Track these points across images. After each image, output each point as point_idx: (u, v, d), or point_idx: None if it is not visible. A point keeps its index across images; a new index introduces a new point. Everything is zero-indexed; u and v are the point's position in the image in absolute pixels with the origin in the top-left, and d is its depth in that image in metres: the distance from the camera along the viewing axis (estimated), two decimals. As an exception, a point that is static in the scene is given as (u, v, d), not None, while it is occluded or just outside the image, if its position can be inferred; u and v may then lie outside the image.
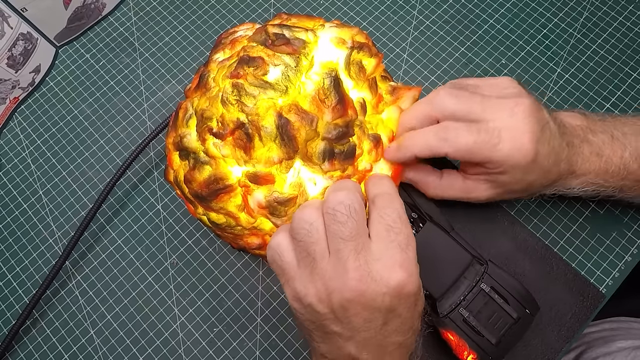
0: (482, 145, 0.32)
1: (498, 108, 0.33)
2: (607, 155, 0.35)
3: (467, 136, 0.32)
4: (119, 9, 0.57)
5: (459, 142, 0.33)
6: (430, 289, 0.35)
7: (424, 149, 0.34)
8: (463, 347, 0.34)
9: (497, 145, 0.32)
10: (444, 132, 0.33)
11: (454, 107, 0.33)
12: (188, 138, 0.33)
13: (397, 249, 0.28)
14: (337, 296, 0.27)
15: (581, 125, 0.36)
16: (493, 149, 0.32)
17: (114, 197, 0.48)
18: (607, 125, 0.36)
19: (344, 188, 0.29)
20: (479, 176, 0.36)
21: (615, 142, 0.35)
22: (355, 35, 0.35)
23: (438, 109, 0.34)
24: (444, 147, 0.33)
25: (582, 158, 0.35)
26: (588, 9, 0.52)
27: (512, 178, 0.34)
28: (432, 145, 0.33)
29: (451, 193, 0.37)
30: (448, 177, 0.38)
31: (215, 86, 0.33)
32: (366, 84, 0.34)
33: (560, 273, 0.40)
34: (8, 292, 0.46)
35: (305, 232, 0.28)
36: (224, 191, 0.32)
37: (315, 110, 0.31)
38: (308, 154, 0.31)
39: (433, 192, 0.38)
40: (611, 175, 0.35)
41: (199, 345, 0.42)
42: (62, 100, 0.53)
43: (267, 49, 0.32)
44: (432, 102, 0.34)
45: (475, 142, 0.32)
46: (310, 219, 0.28)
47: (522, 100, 0.33)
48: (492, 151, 0.32)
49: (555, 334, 0.38)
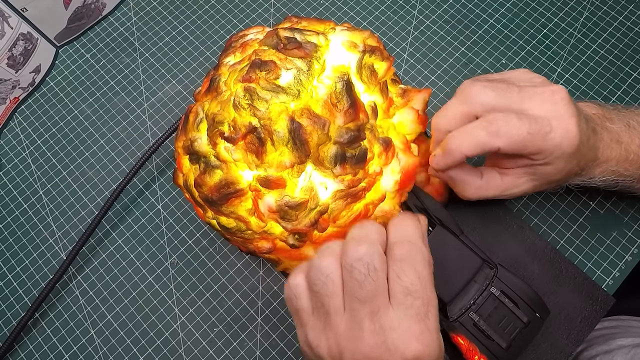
0: (536, 135, 0.31)
1: (538, 97, 0.32)
2: (625, 142, 0.34)
3: (521, 127, 0.31)
4: (119, 9, 0.57)
5: (512, 133, 0.31)
6: (440, 293, 0.35)
7: (474, 147, 0.32)
8: (473, 351, 0.34)
9: (549, 134, 0.31)
10: (494, 125, 0.31)
11: (495, 100, 0.32)
12: (199, 142, 0.33)
13: (414, 318, 0.26)
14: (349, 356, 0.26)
15: (597, 113, 0.36)
16: (545, 137, 0.31)
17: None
18: (622, 115, 0.36)
19: (365, 241, 0.27)
20: (517, 170, 0.35)
21: (632, 130, 0.35)
22: (367, 39, 0.35)
23: (477, 105, 0.32)
24: (496, 142, 0.31)
25: (604, 145, 0.34)
26: (588, 9, 0.52)
27: (555, 168, 0.33)
28: (483, 142, 0.31)
29: (490, 192, 0.36)
30: (487, 175, 0.36)
31: (227, 90, 0.33)
32: (377, 88, 0.34)
33: (570, 276, 0.40)
34: (8, 292, 0.46)
35: (321, 284, 0.27)
36: (235, 195, 0.32)
37: (327, 114, 0.31)
38: (320, 158, 0.31)
39: (474, 193, 0.36)
40: (630, 163, 0.35)
41: (199, 345, 0.42)
42: (62, 100, 0.53)
43: (279, 52, 0.32)
44: (469, 100, 0.32)
45: (529, 132, 0.31)
46: (327, 271, 0.27)
47: (557, 87, 0.32)
48: (544, 140, 0.31)
49: (565, 338, 0.38)
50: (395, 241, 0.27)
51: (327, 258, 0.27)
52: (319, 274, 0.27)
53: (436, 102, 0.49)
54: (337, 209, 0.32)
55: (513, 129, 0.31)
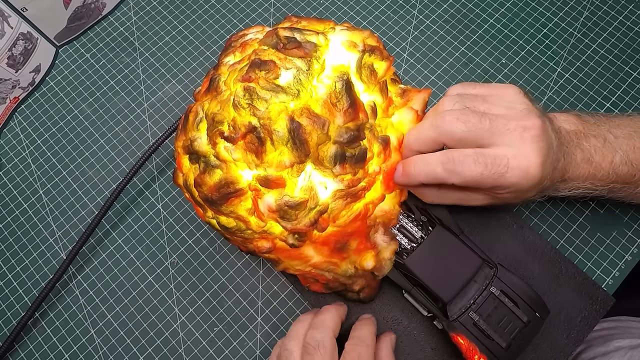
0: (490, 176, 0.32)
1: (507, 134, 0.32)
2: (596, 162, 0.35)
3: (475, 168, 0.32)
4: (119, 8, 0.57)
5: (466, 174, 0.32)
6: (440, 293, 0.35)
7: (430, 179, 0.34)
8: (473, 350, 0.34)
9: (504, 175, 0.32)
10: (451, 165, 0.33)
11: (462, 134, 0.33)
12: (198, 142, 0.33)
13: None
14: None
15: (575, 130, 0.36)
16: (500, 178, 0.32)
17: (114, 196, 0.48)
18: (601, 128, 0.36)
19: (320, 326, 0.35)
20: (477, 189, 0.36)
21: (607, 146, 0.35)
22: (367, 39, 0.35)
23: (446, 135, 0.33)
24: (450, 179, 0.33)
25: (574, 165, 0.35)
26: (588, 9, 0.52)
27: (512, 197, 0.35)
28: (438, 176, 0.33)
29: (447, 200, 0.37)
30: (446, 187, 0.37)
31: (227, 90, 0.33)
32: (377, 88, 0.34)
33: (570, 276, 0.40)
34: (8, 291, 0.46)
35: (285, 358, 0.34)
36: (235, 195, 0.32)
37: (327, 114, 0.31)
38: (319, 158, 0.31)
39: (431, 200, 0.38)
40: (599, 179, 0.36)
41: (199, 344, 0.42)
42: (62, 100, 0.53)
43: (279, 52, 0.32)
44: (439, 128, 0.33)
45: (482, 174, 0.32)
46: (291, 348, 0.34)
47: (532, 122, 0.33)
48: (499, 180, 0.32)
49: (565, 338, 0.38)
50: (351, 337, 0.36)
51: (292, 341, 0.35)
52: (285, 351, 0.35)
53: (436, 102, 0.49)
54: (336, 209, 0.32)
55: (467, 170, 0.32)
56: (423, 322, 0.40)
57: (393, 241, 0.36)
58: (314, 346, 0.34)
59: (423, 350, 0.39)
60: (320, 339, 0.34)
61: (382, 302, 0.41)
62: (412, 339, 0.40)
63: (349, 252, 0.35)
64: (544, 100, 0.48)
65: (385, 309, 0.41)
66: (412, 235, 0.37)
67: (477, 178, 0.32)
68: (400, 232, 0.37)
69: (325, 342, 0.34)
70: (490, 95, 0.35)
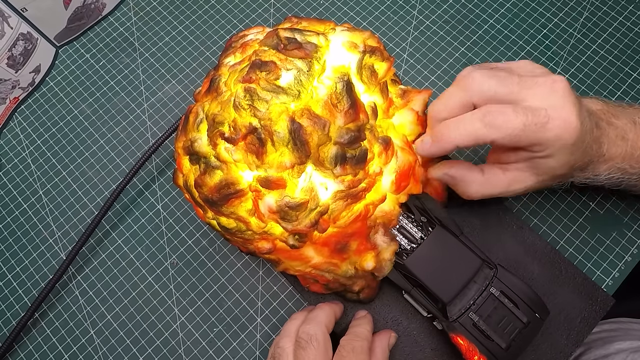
0: (532, 127, 0.30)
1: (538, 87, 0.31)
2: (632, 140, 0.34)
3: (516, 119, 0.30)
4: (119, 9, 0.57)
5: (507, 126, 0.30)
6: (439, 293, 0.35)
7: (468, 139, 0.31)
8: (473, 351, 0.34)
9: (546, 125, 0.30)
10: (489, 117, 0.30)
11: (494, 89, 0.31)
12: (199, 142, 0.33)
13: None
14: None
15: (602, 109, 0.35)
16: (542, 129, 0.30)
17: (114, 197, 0.48)
18: (627, 111, 0.35)
19: (312, 321, 0.35)
20: (519, 164, 0.34)
21: (638, 127, 0.34)
22: (367, 39, 0.35)
23: (476, 94, 0.31)
24: (491, 134, 0.30)
25: (609, 140, 0.34)
26: (588, 9, 0.52)
27: (557, 161, 0.32)
28: (478, 134, 0.31)
29: (494, 189, 0.35)
30: (489, 172, 0.35)
31: (227, 90, 0.33)
32: (377, 88, 0.34)
33: (569, 277, 0.40)
34: (8, 292, 0.46)
35: (278, 356, 0.34)
36: (235, 196, 0.32)
37: (328, 114, 0.31)
38: (320, 159, 0.31)
39: (477, 190, 0.35)
40: (637, 160, 0.34)
41: (199, 345, 0.42)
42: (62, 100, 0.53)
43: (279, 53, 0.32)
44: (468, 88, 0.32)
45: (525, 124, 0.30)
46: (283, 345, 0.35)
47: (558, 77, 0.32)
48: (541, 132, 0.30)
49: (565, 338, 0.38)
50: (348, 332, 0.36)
51: (285, 338, 0.35)
52: (278, 348, 0.35)
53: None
54: (337, 210, 0.32)
55: (509, 122, 0.30)
56: (423, 323, 0.40)
57: (393, 242, 0.36)
58: (306, 340, 0.34)
59: (423, 351, 0.39)
60: (313, 332, 0.34)
61: (382, 303, 0.41)
62: (411, 339, 0.40)
63: (349, 253, 0.35)
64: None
65: (385, 310, 0.41)
66: (412, 236, 0.37)
67: (520, 129, 0.30)
68: (400, 233, 0.37)
69: (318, 335, 0.34)
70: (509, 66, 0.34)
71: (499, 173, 0.35)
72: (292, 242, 0.33)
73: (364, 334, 0.36)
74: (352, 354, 0.34)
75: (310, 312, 0.37)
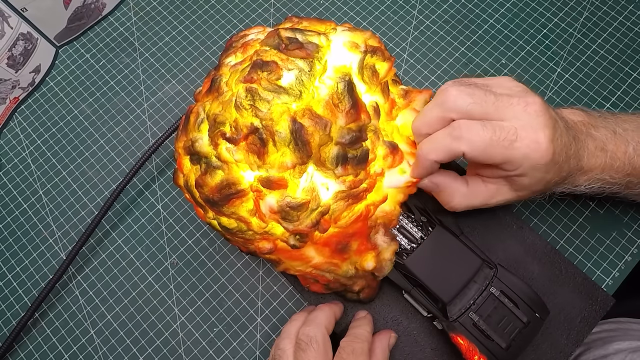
0: (499, 143, 0.31)
1: (511, 107, 0.32)
2: (611, 150, 0.34)
3: (483, 133, 0.31)
4: (119, 9, 0.57)
5: (474, 139, 0.31)
6: (440, 293, 0.35)
7: (441, 153, 0.32)
8: (473, 351, 0.34)
9: (514, 143, 0.31)
10: (458, 131, 0.32)
11: (469, 106, 0.32)
12: (200, 142, 0.33)
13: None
14: None
15: (582, 121, 0.36)
16: (510, 146, 0.31)
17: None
18: (608, 121, 0.36)
19: (312, 322, 0.35)
20: (498, 179, 0.35)
21: (618, 137, 0.35)
22: (368, 39, 0.35)
23: (452, 110, 0.32)
24: (460, 146, 0.32)
25: (588, 153, 0.34)
26: (588, 9, 0.52)
27: (531, 179, 0.33)
28: (448, 147, 0.32)
29: (476, 200, 0.36)
30: (472, 183, 0.36)
31: (228, 90, 0.32)
32: (379, 88, 0.34)
33: (569, 276, 0.40)
34: (8, 292, 0.46)
35: (278, 357, 0.35)
36: (236, 196, 0.32)
37: (329, 114, 0.31)
38: (321, 159, 0.31)
39: (459, 201, 0.36)
40: (616, 170, 0.35)
41: (199, 345, 0.42)
42: (62, 100, 0.53)
43: (281, 53, 0.32)
44: (444, 104, 0.32)
45: (492, 138, 0.31)
46: (284, 347, 0.35)
47: (533, 98, 0.32)
48: (509, 149, 0.31)
49: (565, 338, 0.38)
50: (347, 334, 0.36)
51: (285, 340, 0.35)
52: (278, 349, 0.35)
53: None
54: (338, 210, 0.32)
55: (475, 135, 0.31)
56: (423, 323, 0.40)
57: (393, 242, 0.36)
58: (306, 342, 0.34)
59: (423, 351, 0.39)
60: (313, 334, 0.34)
61: (382, 303, 0.41)
62: (412, 339, 0.40)
63: (349, 253, 0.35)
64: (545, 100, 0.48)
65: (385, 310, 0.41)
66: (412, 236, 0.37)
67: (487, 143, 0.31)
68: (400, 233, 0.37)
69: (318, 337, 0.34)
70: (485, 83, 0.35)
71: (481, 184, 0.36)
72: (293, 242, 0.33)
73: (364, 335, 0.36)
74: (352, 355, 0.34)
75: (310, 314, 0.37)
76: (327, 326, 0.36)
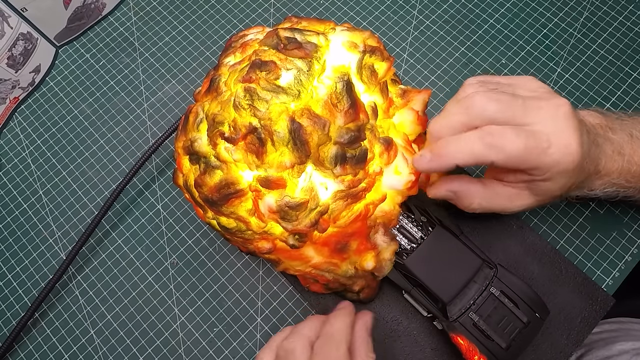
0: (533, 151, 0.30)
1: (541, 112, 0.31)
2: (628, 154, 0.34)
3: (517, 141, 0.30)
4: (119, 9, 0.57)
5: (508, 148, 0.30)
6: (440, 293, 0.35)
7: (468, 158, 0.31)
8: (473, 351, 0.34)
9: (547, 150, 0.30)
10: (490, 138, 0.30)
11: (498, 114, 0.31)
12: (199, 142, 0.33)
13: None
14: None
15: (600, 123, 0.35)
16: (543, 154, 0.30)
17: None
18: (625, 124, 0.35)
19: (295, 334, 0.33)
20: (519, 184, 0.34)
21: (635, 141, 0.34)
22: (367, 39, 0.35)
23: (478, 117, 0.31)
24: (491, 155, 0.30)
25: (606, 157, 0.34)
26: (588, 9, 0.52)
27: (555, 184, 0.32)
28: (477, 154, 0.30)
29: (496, 203, 0.35)
30: (490, 185, 0.35)
31: (227, 90, 0.32)
32: (377, 88, 0.34)
33: (569, 277, 0.40)
34: (8, 292, 0.46)
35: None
36: (235, 196, 0.32)
37: (328, 114, 0.31)
38: (320, 159, 0.31)
39: (478, 204, 0.35)
40: (632, 175, 0.34)
41: (199, 345, 0.42)
42: (62, 100, 0.53)
43: (279, 52, 0.32)
44: (469, 110, 0.31)
45: (526, 147, 0.30)
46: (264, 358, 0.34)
47: (562, 101, 0.31)
48: (542, 156, 0.30)
49: (565, 338, 0.38)
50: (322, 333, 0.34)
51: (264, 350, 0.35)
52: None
53: (436, 102, 0.49)
54: (337, 210, 0.32)
55: (509, 144, 0.30)
56: (423, 323, 0.40)
57: (393, 242, 0.36)
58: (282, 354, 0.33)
59: (423, 351, 0.39)
60: (291, 348, 0.32)
61: (382, 303, 0.41)
62: (412, 339, 0.40)
63: (349, 253, 0.35)
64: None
65: (385, 310, 0.41)
66: (412, 236, 0.37)
67: (521, 152, 0.30)
68: (400, 233, 0.37)
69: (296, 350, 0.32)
70: (510, 83, 0.34)
71: (500, 187, 0.35)
72: (292, 242, 0.33)
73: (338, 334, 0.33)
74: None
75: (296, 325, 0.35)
76: (312, 337, 0.33)
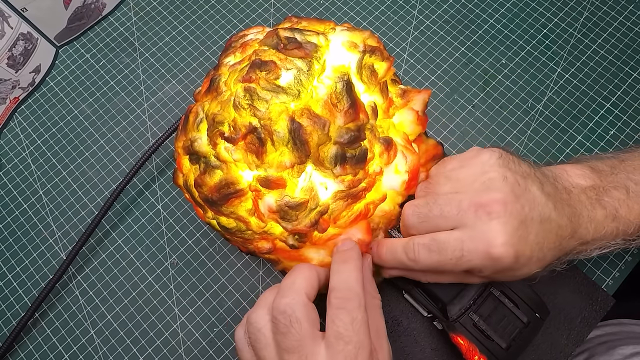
0: (447, 262, 0.31)
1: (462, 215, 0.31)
2: (624, 217, 0.33)
3: (429, 256, 0.32)
4: (119, 9, 0.57)
5: (424, 263, 0.32)
6: (440, 293, 0.35)
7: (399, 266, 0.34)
8: (473, 351, 0.34)
9: (461, 259, 0.30)
10: (411, 253, 0.33)
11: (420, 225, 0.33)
12: (199, 142, 0.33)
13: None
14: None
15: (593, 185, 0.33)
16: (459, 262, 0.31)
17: (114, 197, 0.48)
18: (619, 177, 0.34)
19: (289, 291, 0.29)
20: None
21: (632, 197, 0.33)
22: (367, 39, 0.35)
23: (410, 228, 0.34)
24: (415, 266, 0.33)
25: (596, 225, 0.32)
26: (588, 9, 0.52)
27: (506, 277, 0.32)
28: (405, 264, 0.33)
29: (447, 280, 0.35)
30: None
31: (227, 90, 0.33)
32: (377, 88, 0.34)
33: (570, 277, 0.40)
34: (8, 292, 0.46)
35: (254, 338, 0.29)
36: (235, 195, 0.32)
37: (328, 114, 0.31)
38: (320, 159, 0.31)
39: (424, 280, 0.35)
40: (630, 235, 0.34)
41: (199, 345, 0.42)
42: (62, 100, 0.53)
43: (279, 52, 0.32)
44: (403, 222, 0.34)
45: (439, 261, 0.31)
46: (258, 325, 0.29)
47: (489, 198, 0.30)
48: (459, 265, 0.31)
49: (565, 338, 0.38)
50: (333, 287, 0.29)
51: (259, 311, 0.29)
52: (252, 327, 0.29)
53: (436, 102, 0.49)
54: (337, 209, 0.32)
55: (423, 259, 0.32)
56: (423, 323, 0.40)
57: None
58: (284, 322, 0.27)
59: (423, 351, 0.39)
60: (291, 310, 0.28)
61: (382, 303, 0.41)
62: (412, 339, 0.40)
63: (349, 253, 0.35)
64: (544, 101, 0.48)
65: (385, 310, 0.41)
66: None
67: (436, 265, 0.32)
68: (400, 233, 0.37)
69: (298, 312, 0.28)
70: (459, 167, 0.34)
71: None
72: (292, 242, 0.33)
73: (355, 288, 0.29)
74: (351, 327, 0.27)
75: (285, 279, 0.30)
76: (309, 292, 0.29)
